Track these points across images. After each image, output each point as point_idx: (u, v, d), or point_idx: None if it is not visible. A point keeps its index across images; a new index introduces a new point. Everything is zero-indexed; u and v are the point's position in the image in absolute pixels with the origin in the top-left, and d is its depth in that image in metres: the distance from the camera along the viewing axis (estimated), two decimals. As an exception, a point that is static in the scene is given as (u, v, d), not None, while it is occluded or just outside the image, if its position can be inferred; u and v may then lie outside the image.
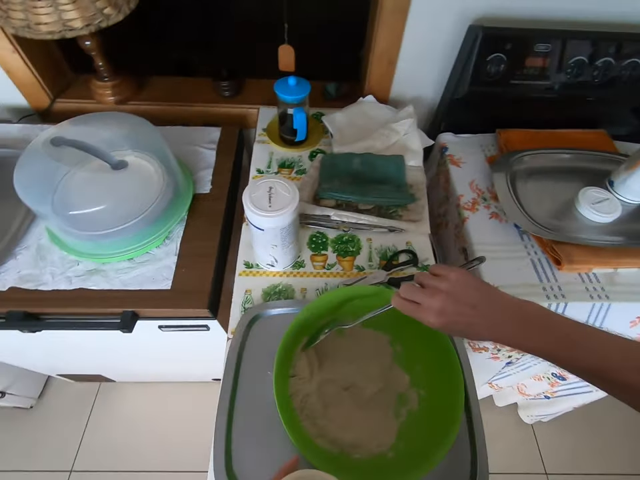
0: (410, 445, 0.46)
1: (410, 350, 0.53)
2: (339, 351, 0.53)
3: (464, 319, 0.36)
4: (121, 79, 0.87)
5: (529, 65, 0.70)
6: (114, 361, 0.96)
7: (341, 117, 0.82)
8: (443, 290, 0.37)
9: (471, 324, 0.37)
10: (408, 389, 0.51)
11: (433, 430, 0.45)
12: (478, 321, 0.36)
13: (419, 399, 0.50)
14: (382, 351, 0.53)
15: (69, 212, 0.59)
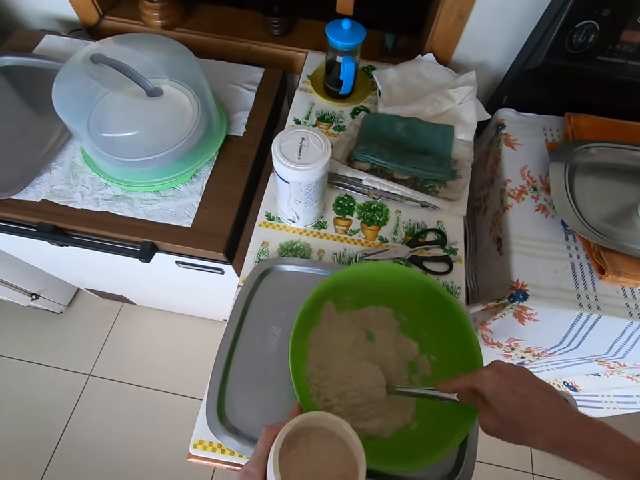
0: (431, 411, 0.44)
1: (415, 318, 0.51)
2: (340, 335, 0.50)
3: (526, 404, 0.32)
4: (169, 2, 0.83)
5: (625, 40, 0.60)
6: (134, 285, 1.01)
7: (393, 74, 0.75)
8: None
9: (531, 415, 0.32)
10: (417, 356, 0.50)
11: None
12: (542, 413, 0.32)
13: (430, 365, 0.48)
14: (387, 323, 0.52)
15: (102, 134, 0.59)
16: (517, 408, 0.33)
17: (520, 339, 0.64)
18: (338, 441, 0.32)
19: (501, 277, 0.61)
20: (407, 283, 0.48)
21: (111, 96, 0.63)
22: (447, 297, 0.46)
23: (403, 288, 0.49)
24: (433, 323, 0.49)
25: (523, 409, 0.32)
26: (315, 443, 0.32)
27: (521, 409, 0.33)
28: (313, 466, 0.31)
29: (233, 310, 0.52)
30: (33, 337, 1.24)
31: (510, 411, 0.33)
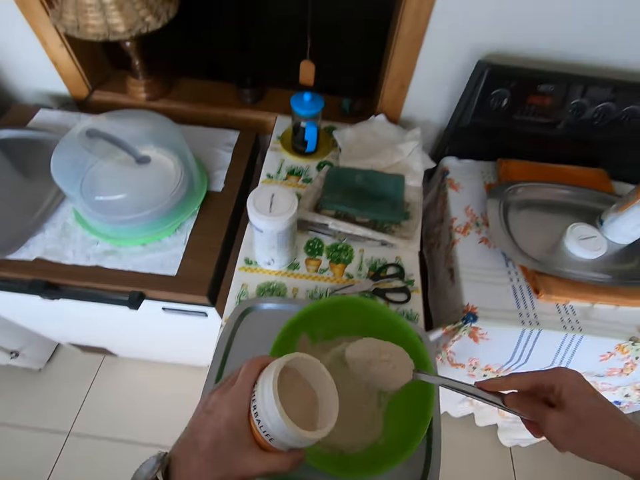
0: (395, 428, 0.49)
1: None
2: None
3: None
4: (154, 78, 0.94)
5: (531, 103, 0.74)
6: (119, 336, 1.03)
7: (351, 132, 0.87)
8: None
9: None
10: None
11: (412, 409, 0.49)
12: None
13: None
14: None
15: (95, 197, 0.66)
16: (604, 412, 0.31)
17: (478, 358, 0.71)
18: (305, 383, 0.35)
19: (455, 303, 0.70)
20: (369, 313, 0.56)
21: (101, 164, 0.71)
22: (402, 323, 0.54)
23: (367, 318, 0.56)
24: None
25: (611, 414, 0.31)
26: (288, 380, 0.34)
27: (609, 414, 0.31)
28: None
29: (217, 348, 0.57)
30: (11, 396, 1.21)
31: (594, 413, 0.31)
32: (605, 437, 0.30)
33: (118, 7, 0.72)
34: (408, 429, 0.48)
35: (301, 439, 0.30)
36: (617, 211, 0.71)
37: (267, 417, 0.30)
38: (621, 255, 0.73)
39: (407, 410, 0.50)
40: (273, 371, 0.31)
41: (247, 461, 0.30)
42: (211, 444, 0.30)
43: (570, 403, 0.31)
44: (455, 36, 0.75)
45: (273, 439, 0.30)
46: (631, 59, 0.74)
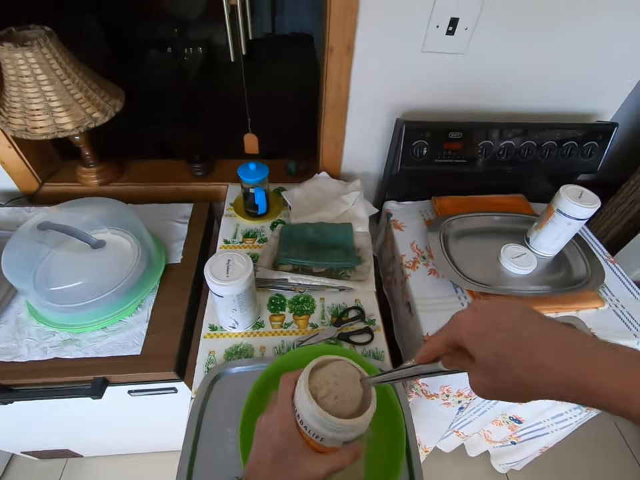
0: (376, 469, 0.48)
1: None
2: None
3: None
4: (105, 165, 0.99)
5: (447, 148, 0.86)
6: (83, 432, 0.95)
7: (298, 191, 0.95)
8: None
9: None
10: None
11: (389, 444, 0.50)
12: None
13: (372, 427, 0.54)
14: None
15: (49, 288, 0.66)
16: (506, 345, 0.25)
17: (448, 385, 0.74)
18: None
19: (416, 335, 0.73)
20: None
21: (54, 253, 0.72)
22: (364, 363, 0.56)
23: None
24: None
25: (514, 345, 0.25)
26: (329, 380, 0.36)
27: (512, 346, 0.25)
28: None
29: (189, 422, 0.56)
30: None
31: (498, 352, 0.25)
32: (519, 377, 0.25)
33: (65, 108, 0.78)
34: (387, 467, 0.48)
35: (344, 427, 0.32)
36: (537, 229, 0.81)
37: (308, 418, 0.33)
38: (550, 267, 0.82)
39: (384, 446, 0.51)
40: (303, 375, 0.35)
41: (306, 465, 0.32)
42: (271, 459, 0.32)
43: (476, 353, 0.27)
44: (374, 99, 0.87)
45: (323, 439, 0.33)
46: (522, 105, 0.90)
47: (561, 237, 0.79)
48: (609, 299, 0.77)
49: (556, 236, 0.79)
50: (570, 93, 0.89)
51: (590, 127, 0.88)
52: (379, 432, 0.53)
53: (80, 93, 0.79)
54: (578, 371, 0.23)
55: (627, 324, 0.73)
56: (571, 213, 0.73)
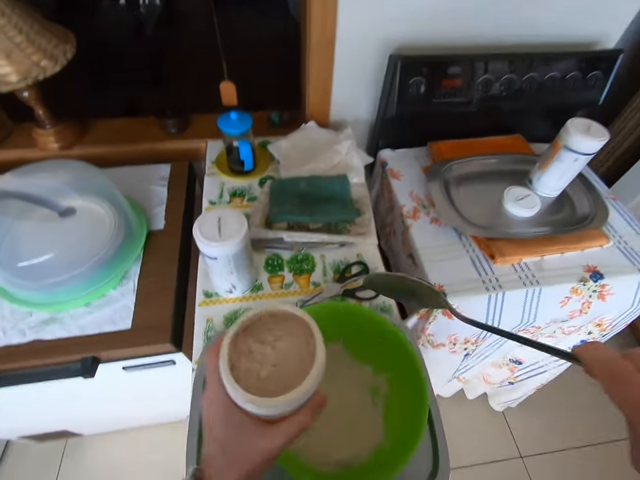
0: (396, 426, 0.48)
1: (362, 345, 0.54)
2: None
3: None
4: (64, 125, 0.87)
5: (445, 85, 0.79)
6: (79, 411, 0.92)
7: (285, 143, 0.87)
8: None
9: None
10: (373, 377, 0.53)
11: (409, 403, 0.47)
12: None
13: (387, 382, 0.52)
14: (339, 357, 0.56)
15: (17, 264, 0.59)
16: None
17: (456, 333, 0.73)
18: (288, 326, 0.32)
19: (422, 286, 0.71)
20: (341, 316, 0.54)
21: (19, 224, 0.64)
22: (375, 316, 0.53)
23: (341, 321, 0.54)
24: (377, 345, 0.54)
25: None
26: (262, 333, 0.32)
27: None
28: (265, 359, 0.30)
29: (193, 395, 0.52)
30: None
31: None
32: None
33: (4, 54, 0.66)
34: (409, 424, 0.46)
35: (286, 402, 0.28)
36: (541, 168, 0.77)
37: (240, 402, 0.28)
38: (553, 207, 0.79)
39: (403, 405, 0.49)
40: (221, 351, 0.29)
41: (258, 444, 0.28)
42: (220, 452, 0.29)
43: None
44: (364, 34, 0.78)
45: (268, 415, 0.29)
46: (523, 33, 0.82)
47: (566, 175, 0.75)
48: (612, 235, 0.76)
49: (561, 174, 0.75)
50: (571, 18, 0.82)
51: (593, 54, 0.82)
52: (400, 386, 0.51)
53: (20, 36, 0.67)
54: None
55: (631, 260, 0.72)
56: (579, 147, 0.69)
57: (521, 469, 1.15)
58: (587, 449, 1.20)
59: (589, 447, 1.20)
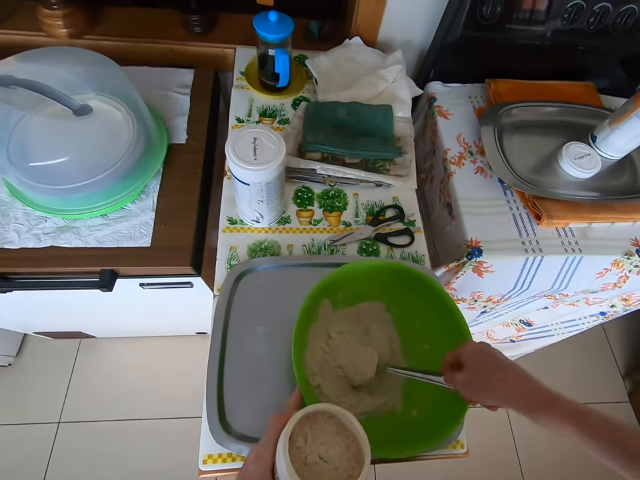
0: (421, 397, 0.47)
1: (404, 308, 0.52)
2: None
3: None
4: (73, 8, 0.75)
5: (526, 7, 0.66)
6: (94, 318, 0.94)
7: (325, 61, 0.76)
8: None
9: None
10: (412, 345, 0.52)
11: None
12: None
13: (423, 353, 0.51)
14: (380, 317, 0.53)
15: (28, 163, 0.54)
16: (491, 364, 0.38)
17: (481, 291, 0.71)
18: (341, 429, 0.33)
19: (457, 239, 0.67)
20: (384, 275, 0.50)
21: (29, 119, 0.57)
22: (419, 275, 0.49)
23: (384, 280, 0.51)
24: (421, 308, 0.51)
25: (497, 366, 0.37)
26: (319, 430, 0.32)
27: (495, 366, 0.37)
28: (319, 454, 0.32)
29: (215, 320, 0.51)
30: (-18, 397, 1.11)
31: (484, 366, 0.37)
32: (496, 377, 0.36)
33: None
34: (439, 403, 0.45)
35: None
36: (611, 125, 0.68)
37: (283, 476, 0.29)
38: (612, 171, 0.72)
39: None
40: (285, 430, 0.30)
41: None
42: None
43: (467, 362, 0.38)
44: None
45: None
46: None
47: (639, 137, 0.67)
48: (669, 210, 0.70)
49: (634, 135, 0.66)
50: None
51: None
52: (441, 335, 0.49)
53: None
54: (525, 390, 0.35)
55: (683, 237, 0.67)
56: (668, 104, 0.60)
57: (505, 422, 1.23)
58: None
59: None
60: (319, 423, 0.33)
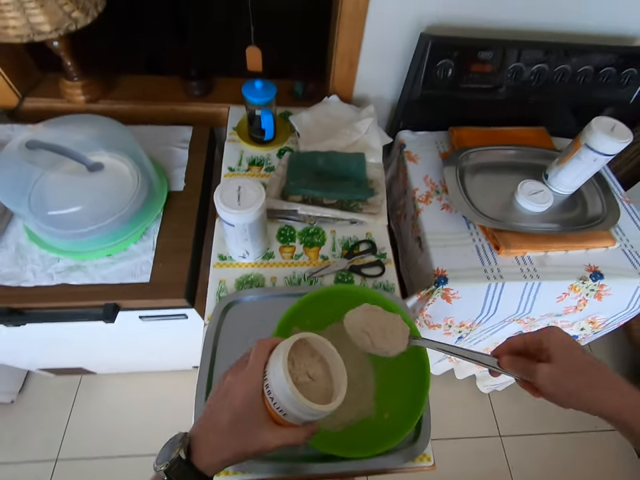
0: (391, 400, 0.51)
1: None
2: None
3: None
4: (91, 79, 0.88)
5: (475, 70, 0.78)
6: (96, 352, 0.99)
7: (307, 116, 0.87)
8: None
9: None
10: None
11: (405, 379, 0.51)
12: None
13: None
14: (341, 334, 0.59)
15: (47, 212, 0.63)
16: (587, 362, 0.34)
17: (452, 316, 0.77)
18: (314, 352, 0.37)
19: (426, 269, 0.74)
20: (348, 296, 0.55)
21: (49, 175, 0.67)
22: (367, 291, 0.56)
23: (344, 304, 0.55)
24: None
25: (594, 364, 0.34)
26: (299, 354, 0.36)
27: (592, 364, 0.34)
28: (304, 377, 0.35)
29: (204, 347, 0.57)
30: (-16, 435, 1.14)
31: (579, 363, 0.34)
32: (589, 384, 0.33)
33: (39, 4, 0.66)
34: (405, 399, 0.50)
35: (313, 411, 0.32)
36: (559, 164, 0.77)
37: (279, 393, 0.32)
38: (565, 205, 0.80)
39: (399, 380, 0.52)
40: (282, 350, 0.33)
41: (263, 435, 0.32)
42: (229, 422, 0.32)
43: (556, 355, 0.34)
44: (397, 9, 0.76)
45: (286, 414, 0.32)
46: (560, 21, 0.79)
47: (583, 174, 0.75)
48: (619, 238, 0.77)
49: (578, 173, 0.75)
50: (612, 10, 0.79)
51: (632, 51, 0.80)
52: (397, 362, 0.54)
53: (54, -15, 0.67)
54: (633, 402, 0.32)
55: (633, 263, 0.74)
56: (600, 147, 0.69)
57: (498, 446, 1.23)
58: (561, 435, 1.26)
59: (563, 434, 1.27)
60: (299, 348, 0.36)
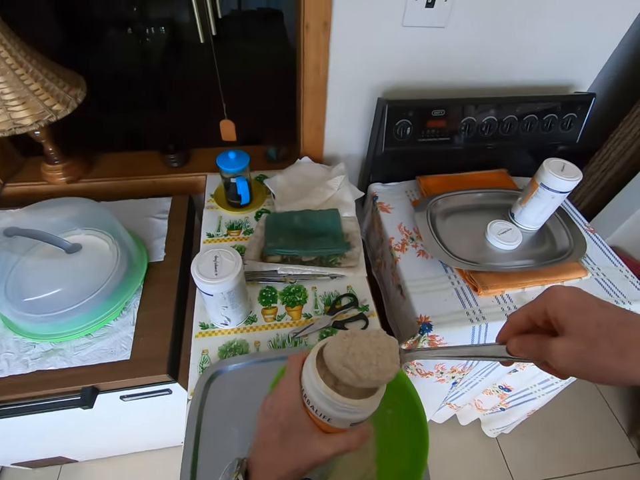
0: (390, 459, 0.48)
1: None
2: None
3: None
4: (72, 160, 0.92)
5: (431, 127, 0.85)
6: (76, 439, 0.93)
7: (281, 178, 0.91)
8: None
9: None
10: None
11: (404, 435, 0.49)
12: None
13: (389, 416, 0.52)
14: None
15: (23, 299, 0.62)
16: (613, 321, 0.25)
17: (442, 363, 0.76)
18: None
19: (409, 316, 0.74)
20: None
21: (25, 261, 0.67)
22: None
23: None
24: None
25: (623, 322, 0.25)
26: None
27: (620, 322, 0.25)
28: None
29: (188, 424, 0.55)
30: None
31: (602, 323, 0.25)
32: (620, 352, 0.24)
33: (21, 102, 0.71)
34: (405, 457, 0.48)
35: (351, 407, 0.31)
36: (521, 204, 0.82)
37: (316, 397, 0.31)
38: (534, 241, 0.83)
39: (399, 440, 0.50)
40: (311, 355, 0.33)
41: (313, 445, 0.31)
42: (278, 438, 0.32)
43: (570, 325, 0.26)
44: (354, 81, 0.84)
45: (330, 419, 0.31)
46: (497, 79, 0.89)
47: (545, 211, 0.80)
48: (590, 267, 0.80)
49: (540, 210, 0.80)
50: (549, 65, 0.89)
51: (569, 98, 0.89)
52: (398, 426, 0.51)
53: (36, 84, 0.73)
54: None
55: (608, 291, 0.76)
56: (554, 186, 0.74)
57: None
58: (581, 475, 1.20)
59: (583, 474, 1.20)
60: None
